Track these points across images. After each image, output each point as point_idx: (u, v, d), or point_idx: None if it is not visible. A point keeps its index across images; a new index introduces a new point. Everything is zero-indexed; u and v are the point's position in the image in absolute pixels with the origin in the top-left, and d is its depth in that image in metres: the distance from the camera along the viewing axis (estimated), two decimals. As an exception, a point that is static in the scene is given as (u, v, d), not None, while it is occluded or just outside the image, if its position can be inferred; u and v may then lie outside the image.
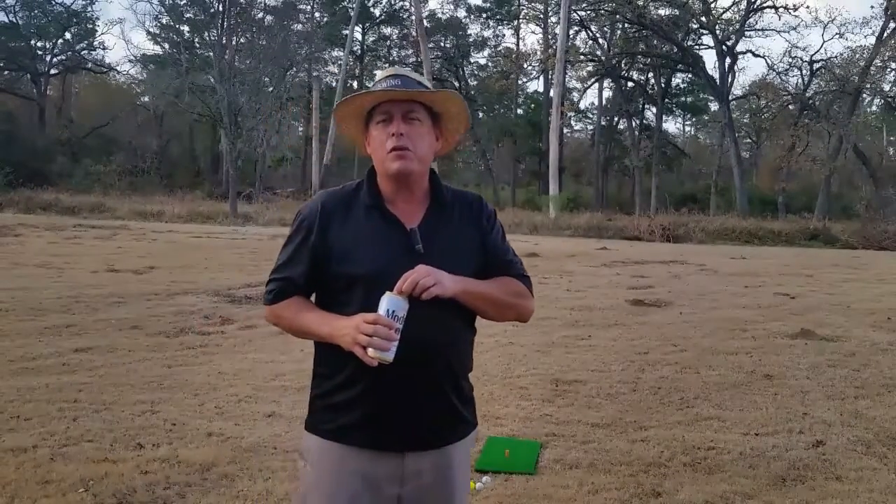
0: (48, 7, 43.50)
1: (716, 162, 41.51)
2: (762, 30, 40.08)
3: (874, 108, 43.33)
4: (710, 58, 41.56)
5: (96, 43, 48.96)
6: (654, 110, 44.31)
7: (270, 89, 32.83)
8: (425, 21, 41.82)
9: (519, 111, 50.10)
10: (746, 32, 37.98)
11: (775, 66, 43.11)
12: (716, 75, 37.58)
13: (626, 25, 40.12)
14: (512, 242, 1.79)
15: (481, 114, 47.81)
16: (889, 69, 35.68)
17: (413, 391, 1.58)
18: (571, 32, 38.16)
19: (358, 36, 47.04)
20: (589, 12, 39.68)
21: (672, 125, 62.28)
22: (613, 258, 15.75)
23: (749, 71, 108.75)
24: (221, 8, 38.56)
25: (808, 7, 65.14)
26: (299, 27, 43.05)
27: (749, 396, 4.88)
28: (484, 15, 49.10)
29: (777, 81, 38.69)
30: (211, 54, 34.29)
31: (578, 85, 46.49)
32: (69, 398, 4.35)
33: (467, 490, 1.75)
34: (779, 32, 45.83)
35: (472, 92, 46.67)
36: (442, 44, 48.74)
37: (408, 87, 1.62)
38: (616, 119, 48.12)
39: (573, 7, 35.81)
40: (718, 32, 37.45)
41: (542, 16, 44.96)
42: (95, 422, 3.95)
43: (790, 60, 38.56)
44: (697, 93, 46.65)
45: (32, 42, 44.02)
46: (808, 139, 36.39)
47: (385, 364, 1.48)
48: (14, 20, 42.79)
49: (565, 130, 45.88)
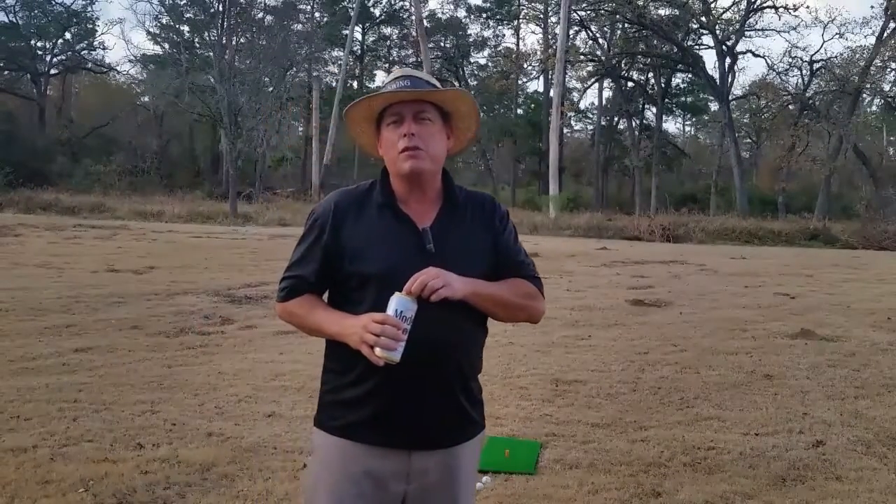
0: (48, 7, 43.52)
1: (716, 162, 41.53)
2: (762, 30, 40.13)
3: (874, 108, 43.41)
4: (710, 58, 41.64)
5: (96, 43, 49.10)
6: (654, 110, 44.33)
7: (270, 89, 32.83)
8: (425, 21, 41.85)
9: (519, 111, 50.12)
10: (746, 32, 38.03)
11: (775, 66, 43.20)
12: (716, 75, 37.60)
13: (626, 25, 40.13)
14: (513, 242, 1.79)
15: (481, 114, 47.68)
16: (889, 69, 35.76)
17: (422, 391, 1.58)
18: (571, 32, 38.19)
19: (358, 36, 47.08)
20: (589, 12, 39.69)
21: (672, 125, 62.40)
22: (613, 258, 15.75)
23: (749, 71, 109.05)
24: (221, 8, 38.59)
25: (808, 7, 65.27)
26: (299, 27, 43.09)
27: (749, 396, 4.88)
28: (484, 15, 49.18)
29: (777, 81, 38.75)
30: (211, 54, 34.29)
31: (578, 85, 46.60)
32: (69, 398, 4.35)
33: (473, 490, 1.76)
34: (779, 32, 45.89)
35: (473, 92, 46.62)
36: (442, 44, 48.80)
37: (417, 88, 1.63)
38: (616, 119, 48.14)
39: (573, 7, 35.80)
40: (718, 32, 37.46)
41: (542, 16, 45.00)
42: (95, 422, 3.95)
43: (790, 60, 38.64)
44: (697, 93, 46.67)
45: (32, 42, 44.03)
46: (808, 139, 36.40)
47: (392, 364, 1.49)
48: (14, 20, 42.82)
49: (565, 130, 45.91)
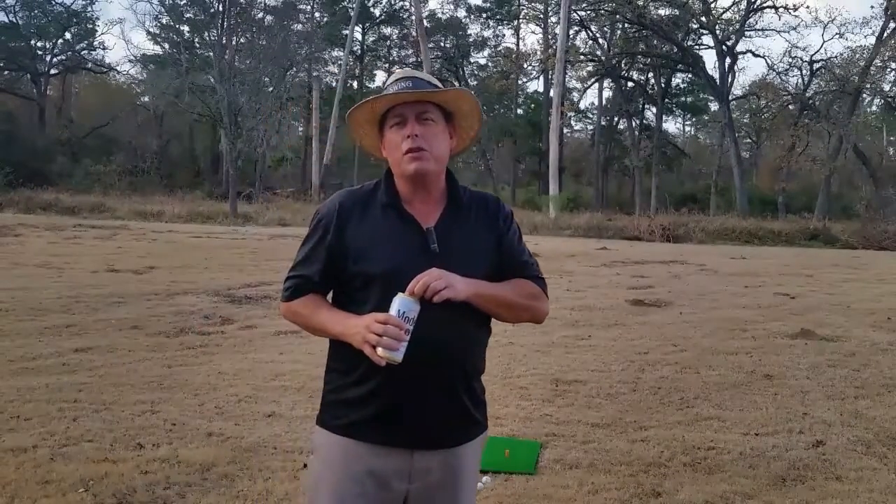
0: (48, 7, 43.51)
1: (716, 162, 41.52)
2: (762, 30, 40.11)
3: (874, 108, 43.41)
4: (710, 58, 41.62)
5: (96, 43, 49.07)
6: (654, 110, 44.32)
7: (270, 89, 32.82)
8: (425, 21, 41.82)
9: (519, 111, 50.13)
10: (746, 32, 38.03)
11: (775, 66, 43.15)
12: (716, 75, 37.60)
13: (626, 25, 40.12)
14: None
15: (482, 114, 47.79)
16: (889, 69, 35.75)
17: (425, 391, 1.59)
18: (571, 32, 38.18)
19: (358, 36, 47.06)
20: (589, 12, 39.69)
21: (672, 125, 62.38)
22: (613, 258, 15.75)
23: (749, 71, 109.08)
24: (221, 8, 38.58)
25: (808, 7, 65.29)
26: (299, 27, 43.07)
27: (749, 396, 4.88)
28: (484, 15, 49.16)
29: (777, 81, 38.75)
30: (211, 54, 34.29)
31: (578, 85, 46.59)
32: (69, 398, 4.35)
33: (475, 490, 1.76)
34: (779, 32, 45.87)
35: (473, 92, 46.58)
36: (442, 44, 48.77)
37: (419, 89, 1.64)
38: (616, 119, 48.13)
39: (573, 7, 35.80)
40: (718, 32, 37.45)
41: (542, 16, 45.00)
42: (95, 422, 3.95)
43: (790, 60, 38.63)
44: (697, 93, 46.67)
45: (32, 42, 44.01)
46: (808, 139, 36.39)
47: (394, 364, 1.49)
48: (14, 20, 42.81)
49: (565, 130, 45.90)
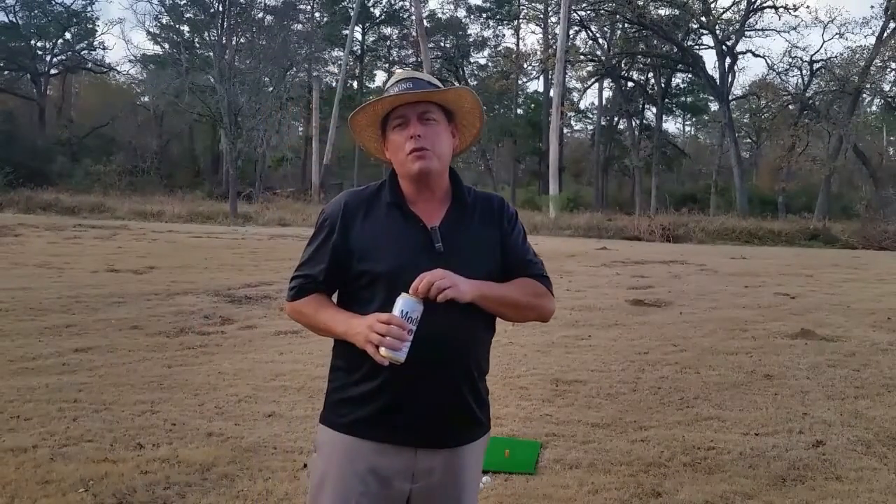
0: (48, 7, 43.52)
1: (716, 162, 41.53)
2: (762, 30, 40.10)
3: (874, 108, 43.42)
4: (710, 58, 41.66)
5: (96, 43, 49.14)
6: (654, 110, 44.34)
7: (270, 89, 32.84)
8: (425, 21, 41.86)
9: (519, 111, 50.11)
10: (746, 32, 38.05)
11: (775, 66, 43.19)
12: (716, 75, 37.61)
13: (626, 25, 40.12)
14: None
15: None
16: (889, 69, 35.75)
17: (429, 390, 1.59)
18: (571, 32, 38.20)
19: (358, 36, 47.07)
20: (589, 12, 39.71)
21: (672, 125, 62.38)
22: (613, 258, 15.74)
23: (749, 71, 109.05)
24: (221, 8, 38.56)
25: (808, 7, 65.22)
26: (299, 27, 43.09)
27: (749, 396, 4.88)
28: (484, 15, 49.16)
29: (777, 81, 38.77)
30: (211, 54, 34.30)
31: (578, 85, 46.60)
32: (69, 398, 4.35)
33: (477, 492, 1.76)
34: (779, 32, 45.87)
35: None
36: (442, 44, 48.78)
37: (420, 89, 1.64)
38: (616, 119, 48.14)
39: (573, 7, 35.81)
40: (718, 32, 37.46)
41: (542, 16, 45.00)
42: (95, 422, 3.95)
43: (790, 60, 38.65)
44: (697, 93, 46.68)
45: (32, 42, 44.03)
46: (808, 139, 36.40)
47: (396, 364, 1.49)
48: (14, 20, 42.82)
49: (565, 130, 45.94)
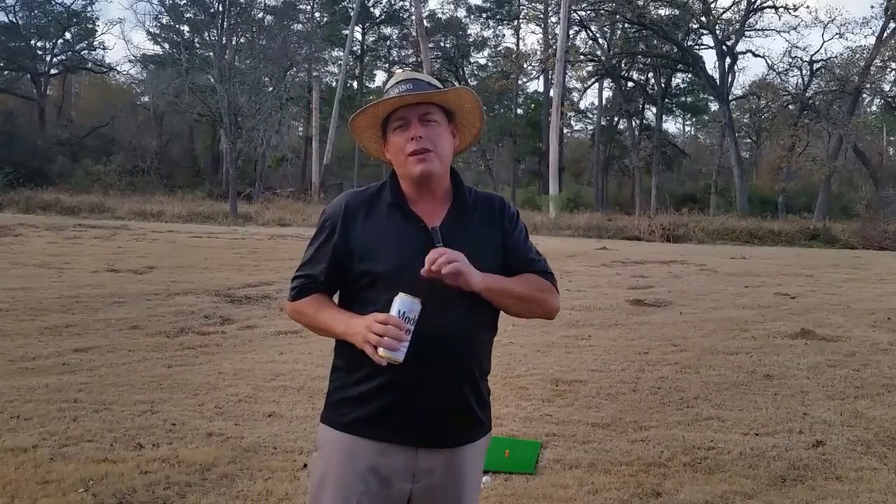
0: (48, 7, 43.52)
1: (716, 162, 41.51)
2: (762, 30, 40.04)
3: (874, 108, 43.40)
4: (710, 58, 41.65)
5: (96, 43, 49.12)
6: (654, 110, 44.32)
7: (270, 89, 32.84)
8: (425, 21, 41.86)
9: (519, 111, 50.12)
10: (746, 32, 38.02)
11: (775, 66, 43.05)
12: (716, 75, 37.60)
13: (626, 25, 40.11)
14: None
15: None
16: (889, 69, 35.68)
17: (431, 389, 1.59)
18: (571, 32, 38.20)
19: (358, 36, 47.07)
20: (589, 12, 39.70)
21: (672, 125, 62.32)
22: (613, 258, 15.74)
23: (749, 71, 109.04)
24: (221, 8, 38.53)
25: (808, 7, 65.20)
26: (299, 27, 43.11)
27: (749, 396, 4.88)
28: (484, 15, 49.18)
29: (777, 81, 38.72)
30: (211, 54, 34.28)
31: (578, 85, 46.58)
32: (69, 398, 4.35)
33: (477, 491, 1.76)
34: (779, 32, 45.82)
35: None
36: (442, 44, 48.77)
37: (420, 91, 1.64)
38: (616, 119, 48.13)
39: (573, 7, 35.81)
40: (718, 32, 37.46)
41: (542, 16, 45.01)
42: (95, 422, 3.95)
43: (790, 60, 38.59)
44: (697, 93, 46.67)
45: (32, 42, 44.02)
46: (808, 139, 36.38)
47: (394, 364, 1.49)
48: (14, 20, 42.82)
49: (565, 130, 45.94)
